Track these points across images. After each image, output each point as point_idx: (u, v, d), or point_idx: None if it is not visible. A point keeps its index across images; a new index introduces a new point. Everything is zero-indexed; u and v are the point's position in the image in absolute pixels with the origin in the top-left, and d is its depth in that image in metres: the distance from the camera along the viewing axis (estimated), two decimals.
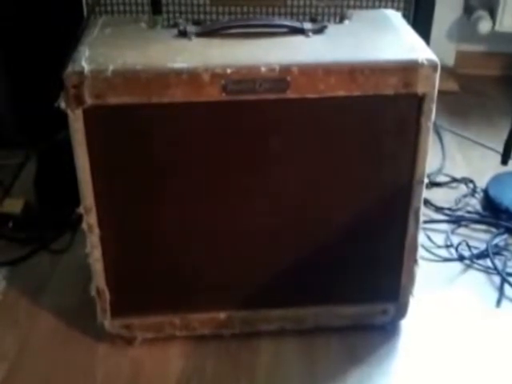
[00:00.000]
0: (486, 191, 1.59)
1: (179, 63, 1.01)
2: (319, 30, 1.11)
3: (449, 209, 1.56)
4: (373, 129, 1.06)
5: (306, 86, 1.02)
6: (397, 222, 1.14)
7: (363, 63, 1.02)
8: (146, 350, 1.20)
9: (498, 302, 1.31)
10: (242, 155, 1.07)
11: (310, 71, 1.01)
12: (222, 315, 1.20)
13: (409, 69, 1.02)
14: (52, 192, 1.52)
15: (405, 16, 1.31)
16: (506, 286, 1.34)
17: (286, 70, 1.01)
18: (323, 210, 1.13)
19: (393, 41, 1.09)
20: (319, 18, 1.50)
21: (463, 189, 1.64)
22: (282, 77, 1.01)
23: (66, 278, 1.37)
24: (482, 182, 1.63)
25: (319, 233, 1.15)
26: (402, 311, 1.23)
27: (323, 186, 1.11)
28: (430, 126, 1.06)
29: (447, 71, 2.07)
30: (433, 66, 1.02)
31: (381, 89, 1.02)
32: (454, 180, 1.66)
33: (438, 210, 1.55)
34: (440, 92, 1.06)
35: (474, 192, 1.61)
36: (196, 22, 1.15)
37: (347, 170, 1.10)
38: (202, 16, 1.57)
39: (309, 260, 1.17)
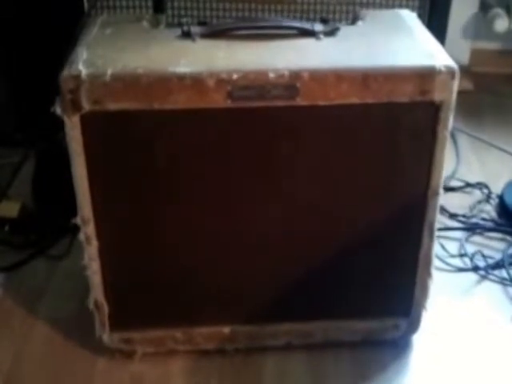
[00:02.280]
0: (501, 197, 1.54)
1: (182, 67, 0.96)
2: (331, 33, 1.05)
3: (463, 215, 1.50)
4: (387, 138, 1.01)
5: (317, 93, 0.96)
6: (411, 235, 1.09)
7: (377, 69, 0.96)
8: (146, 365, 1.16)
9: None
10: (249, 165, 1.02)
11: (321, 77, 0.95)
12: (227, 330, 1.15)
13: (426, 75, 0.96)
14: (50, 193, 1.48)
15: (420, 15, 1.25)
16: None
17: (295, 75, 0.95)
18: (334, 222, 1.08)
19: (408, 45, 1.04)
20: (331, 17, 1.44)
21: (477, 194, 1.58)
22: (291, 83, 0.95)
23: (64, 286, 1.33)
24: (497, 187, 1.58)
25: (329, 245, 1.10)
26: (414, 326, 1.18)
27: (334, 197, 1.05)
28: (447, 135, 1.00)
29: (461, 70, 2.00)
30: (451, 73, 0.97)
31: (396, 96, 0.97)
32: (468, 185, 1.60)
33: (452, 216, 1.49)
34: None
35: (488, 198, 1.56)
36: (201, 22, 1.09)
37: (359, 181, 1.04)
38: (207, 12, 1.51)
39: (318, 272, 1.12)
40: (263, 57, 0.99)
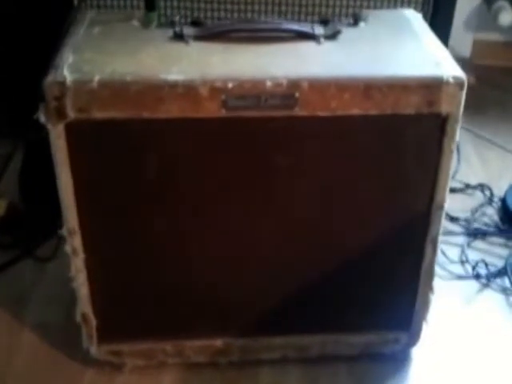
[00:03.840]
0: (503, 200, 1.49)
1: (174, 74, 0.90)
2: (332, 36, 1.00)
3: (464, 220, 1.45)
4: (390, 151, 0.96)
5: (317, 103, 0.91)
6: (413, 249, 1.05)
7: (381, 79, 0.91)
8: (136, 378, 1.12)
9: None
10: (244, 177, 0.97)
11: (322, 87, 0.90)
12: (219, 343, 1.11)
13: (432, 86, 0.91)
14: (38, 189, 1.42)
15: (424, 11, 1.19)
16: None
17: (294, 84, 0.90)
18: (334, 234, 1.04)
19: (414, 51, 0.98)
20: (331, 16, 1.38)
21: (479, 195, 1.53)
22: (289, 92, 0.90)
23: (52, 289, 1.28)
24: (499, 188, 1.53)
25: (328, 257, 1.06)
26: (414, 339, 1.14)
27: (335, 210, 1.01)
28: (454, 148, 0.95)
29: (463, 62, 1.94)
30: (459, 84, 0.92)
31: (400, 108, 0.92)
32: (469, 186, 1.55)
33: (453, 220, 1.44)
34: None
35: (490, 201, 1.51)
36: (194, 22, 1.03)
37: (361, 194, 1.00)
38: (202, 5, 1.45)
39: (315, 285, 1.08)
40: (260, 63, 0.94)
